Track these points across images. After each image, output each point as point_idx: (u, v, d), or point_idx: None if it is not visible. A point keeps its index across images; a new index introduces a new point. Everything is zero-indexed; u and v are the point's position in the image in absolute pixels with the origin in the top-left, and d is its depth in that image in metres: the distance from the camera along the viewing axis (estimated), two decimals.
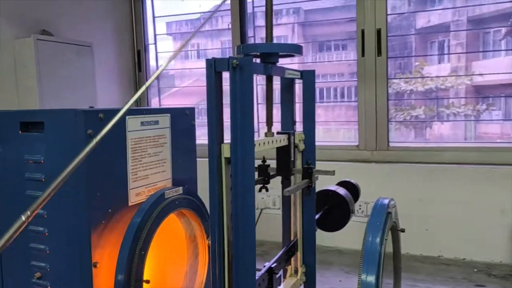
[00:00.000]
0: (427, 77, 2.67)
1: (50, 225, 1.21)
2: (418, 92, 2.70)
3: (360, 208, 2.44)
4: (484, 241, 2.31)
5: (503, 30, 2.53)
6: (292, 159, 1.38)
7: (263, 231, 2.48)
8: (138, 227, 1.23)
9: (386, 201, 1.13)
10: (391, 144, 2.61)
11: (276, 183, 1.37)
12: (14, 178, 1.25)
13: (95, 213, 1.18)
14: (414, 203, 2.41)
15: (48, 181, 1.20)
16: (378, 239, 1.03)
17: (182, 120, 1.51)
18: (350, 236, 2.25)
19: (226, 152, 1.04)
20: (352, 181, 1.74)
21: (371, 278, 1.00)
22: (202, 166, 1.55)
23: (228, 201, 1.08)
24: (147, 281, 1.22)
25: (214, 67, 1.02)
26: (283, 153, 1.34)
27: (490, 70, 2.57)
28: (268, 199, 2.75)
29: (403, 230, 1.26)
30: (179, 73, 3.41)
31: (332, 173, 1.40)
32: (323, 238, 1.90)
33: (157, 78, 3.26)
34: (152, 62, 3.27)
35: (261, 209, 2.75)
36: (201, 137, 1.68)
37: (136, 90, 3.23)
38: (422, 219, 2.41)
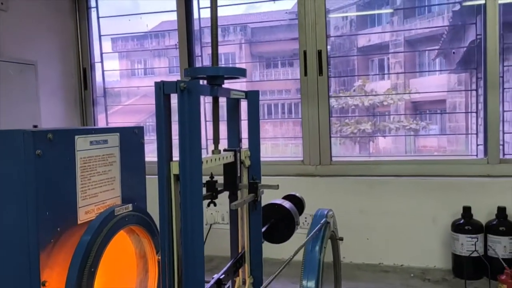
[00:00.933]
0: (368, 95, 2.84)
1: None
2: (362, 107, 2.87)
3: (306, 220, 2.54)
4: (419, 247, 2.47)
5: (436, 51, 2.76)
6: (239, 175, 1.45)
7: (212, 246, 2.53)
8: (87, 245, 1.25)
9: (325, 212, 1.22)
10: (333, 159, 2.75)
11: (224, 198, 1.43)
12: None
13: (44, 232, 1.19)
14: (355, 214, 2.55)
15: None
16: (317, 247, 1.12)
17: (131, 138, 1.55)
18: (297, 247, 2.35)
19: (175, 169, 1.10)
20: (297, 194, 1.82)
21: (311, 284, 1.08)
22: (151, 183, 1.59)
23: (178, 217, 1.13)
24: None
25: (163, 90, 1.08)
26: (230, 169, 1.41)
27: (426, 87, 2.79)
28: (217, 214, 2.80)
29: (341, 239, 1.36)
30: (125, 90, 3.41)
31: (276, 187, 1.49)
32: (270, 250, 1.97)
33: (104, 95, 3.26)
34: (98, 80, 3.26)
35: (210, 225, 2.80)
36: (149, 154, 1.72)
37: (82, 109, 3.20)
38: (363, 229, 2.55)
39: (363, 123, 2.89)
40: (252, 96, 1.52)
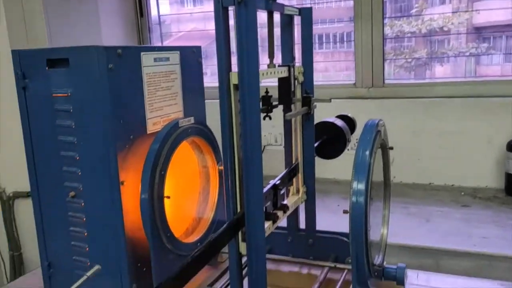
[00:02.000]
0: (426, 17, 2.74)
1: (80, 150, 1.37)
2: (419, 33, 2.79)
3: (357, 141, 2.60)
4: (471, 168, 2.49)
5: None
6: (293, 90, 1.52)
7: (265, 166, 2.67)
8: (156, 152, 1.39)
9: (376, 121, 1.28)
10: (386, 81, 2.74)
11: (278, 120, 1.50)
12: (43, 111, 1.40)
13: (120, 139, 1.34)
14: (407, 136, 2.58)
15: (76, 112, 1.35)
16: (368, 152, 1.19)
17: (189, 57, 1.63)
18: (348, 168, 2.44)
19: (234, 79, 1.18)
20: (349, 115, 1.87)
21: (361, 186, 1.17)
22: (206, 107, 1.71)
23: (237, 124, 1.23)
24: (168, 197, 1.40)
25: (221, 3, 1.14)
26: (284, 83, 1.48)
27: (491, 10, 2.64)
28: (270, 136, 2.91)
29: (391, 148, 1.42)
30: (175, 19, 3.47)
31: (328, 100, 1.55)
32: (322, 170, 2.07)
33: (159, 22, 3.35)
34: (153, 8, 3.34)
35: (264, 146, 2.92)
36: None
37: (139, 36, 3.32)
38: (415, 150, 2.58)
39: (419, 51, 2.82)
40: (306, 13, 1.55)
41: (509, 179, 2.32)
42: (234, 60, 1.18)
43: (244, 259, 1.29)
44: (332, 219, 1.74)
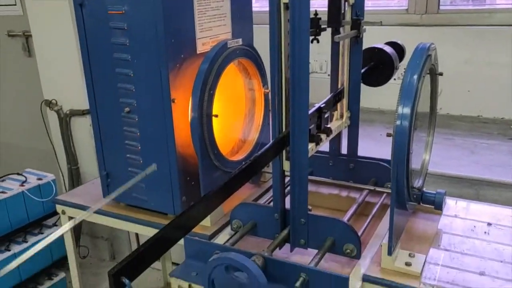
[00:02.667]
0: None
1: (134, 68, 1.43)
2: None
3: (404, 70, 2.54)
4: None
5: None
6: (342, 12, 1.49)
7: (310, 94, 2.67)
8: (206, 71, 1.43)
9: (427, 44, 1.25)
10: (441, 7, 2.60)
11: (324, 47, 1.49)
12: (99, 28, 1.45)
13: (171, 57, 1.38)
14: (459, 65, 2.48)
15: (130, 30, 1.40)
16: (416, 76, 1.18)
17: None
18: (393, 97, 2.41)
19: None
20: (398, 41, 1.81)
21: (407, 110, 1.17)
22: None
23: (286, 45, 1.24)
24: (216, 116, 1.46)
25: None
26: (334, 4, 1.45)
27: None
28: (316, 64, 2.88)
29: (441, 74, 1.40)
30: None
31: (379, 23, 1.52)
32: (367, 99, 2.05)
33: None
34: None
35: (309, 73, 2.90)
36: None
37: None
38: (465, 81, 2.50)
39: None
40: None
41: None
42: None
43: (286, 179, 1.36)
44: (374, 147, 1.77)
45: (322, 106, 1.47)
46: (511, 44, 2.37)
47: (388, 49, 1.75)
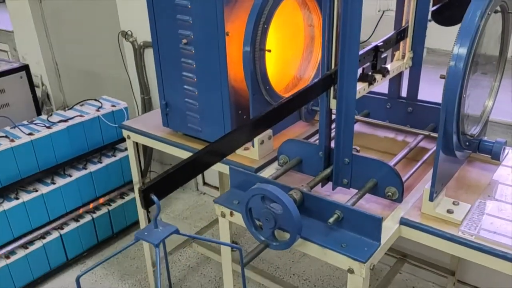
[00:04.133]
0: None
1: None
2: None
3: None
4: None
5: None
6: None
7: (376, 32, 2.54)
8: (261, 5, 1.41)
9: None
10: None
11: None
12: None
13: None
14: None
15: None
16: (479, 12, 1.08)
17: None
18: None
19: None
20: None
21: (463, 50, 1.09)
22: None
23: None
24: (269, 51, 1.46)
25: None
26: None
27: None
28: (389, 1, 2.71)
29: (511, 12, 1.27)
30: None
31: None
32: (437, 39, 1.90)
33: None
34: None
35: (383, 11, 2.75)
36: None
37: None
38: None
39: None
40: None
41: None
42: None
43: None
44: (437, 91, 1.67)
45: (379, 44, 1.41)
46: None
47: None
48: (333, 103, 1.31)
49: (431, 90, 1.66)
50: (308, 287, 2.30)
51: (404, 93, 1.68)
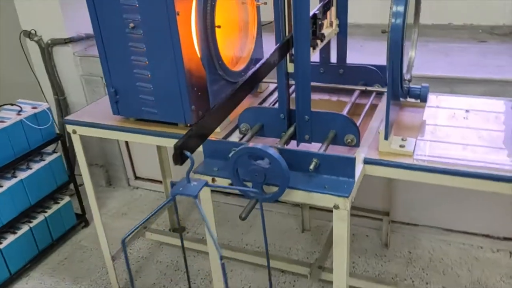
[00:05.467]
0: None
1: None
2: None
3: None
4: (490, 6, 2.55)
5: None
6: None
7: None
8: None
9: None
10: None
11: None
12: None
13: None
14: None
15: None
16: None
17: None
18: (367, 11, 2.55)
19: None
20: None
21: (401, 8, 1.29)
22: None
23: None
24: (219, 26, 1.54)
25: None
26: None
27: None
28: None
29: None
30: None
31: None
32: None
33: None
34: None
35: None
36: None
37: None
38: None
39: None
40: None
41: None
42: None
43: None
44: (356, 56, 1.89)
45: (316, 13, 1.58)
46: None
47: None
48: (290, 67, 1.45)
49: (350, 55, 1.88)
50: (262, 253, 2.45)
51: (333, 59, 1.88)
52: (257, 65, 1.30)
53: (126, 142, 3.00)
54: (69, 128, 1.84)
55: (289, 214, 2.73)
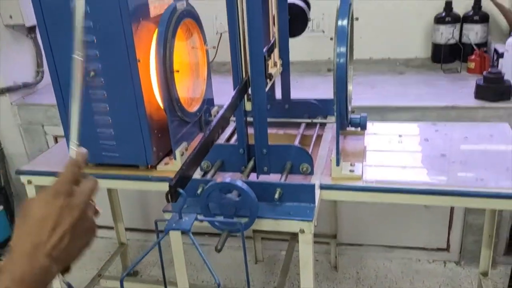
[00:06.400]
0: None
1: (98, 34, 1.55)
2: None
3: (322, 17, 2.88)
4: (405, 41, 2.90)
5: None
6: None
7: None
8: (165, 33, 1.60)
9: None
10: None
11: None
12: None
13: (133, 20, 1.53)
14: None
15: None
16: (346, 21, 1.49)
17: None
18: (302, 49, 2.77)
19: None
20: None
21: (343, 49, 1.48)
22: None
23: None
24: (177, 71, 1.65)
25: None
26: None
27: None
28: None
29: (357, 19, 1.74)
30: None
31: None
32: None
33: None
34: None
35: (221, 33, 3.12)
36: None
37: None
38: (356, 30, 2.91)
39: None
40: None
41: (434, 49, 2.77)
42: None
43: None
44: (294, 91, 2.07)
45: (265, 54, 1.74)
46: None
47: (299, 2, 2.05)
48: (248, 105, 1.59)
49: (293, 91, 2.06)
50: None
51: (278, 96, 2.04)
52: (224, 107, 1.41)
53: None
54: (23, 178, 1.82)
55: (240, 247, 2.81)
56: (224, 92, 1.72)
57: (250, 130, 1.64)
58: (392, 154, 1.75)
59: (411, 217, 2.54)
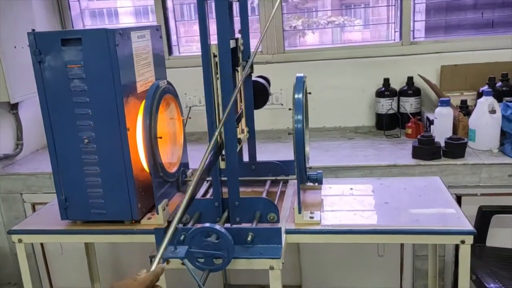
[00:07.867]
0: None
1: (93, 107, 1.82)
2: (291, 3, 3.51)
3: (280, 92, 3.27)
4: (353, 112, 3.34)
5: None
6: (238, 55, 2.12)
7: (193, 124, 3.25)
8: (150, 106, 1.90)
9: (302, 75, 1.94)
10: (286, 48, 3.44)
11: None
12: (59, 78, 1.82)
13: (124, 95, 1.82)
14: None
15: (88, 77, 1.80)
16: (301, 94, 1.84)
17: (155, 34, 2.13)
18: (264, 119, 3.14)
19: (214, 49, 1.75)
20: (263, 75, 2.48)
21: (300, 116, 1.81)
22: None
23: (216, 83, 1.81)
24: (160, 137, 1.93)
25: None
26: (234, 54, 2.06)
27: None
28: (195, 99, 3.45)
29: (310, 93, 2.11)
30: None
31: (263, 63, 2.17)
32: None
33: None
34: None
35: (190, 107, 3.46)
36: None
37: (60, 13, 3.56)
38: (310, 102, 3.33)
39: (294, 20, 3.56)
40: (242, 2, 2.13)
41: (378, 118, 3.21)
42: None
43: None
44: (259, 155, 2.38)
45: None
46: (337, 73, 3.30)
47: (261, 80, 2.42)
48: (222, 164, 1.87)
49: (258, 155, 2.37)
50: None
51: (245, 158, 2.34)
52: (203, 168, 1.69)
53: (44, 256, 3.05)
54: (15, 238, 1.98)
55: None
56: (194, 158, 1.99)
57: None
58: (345, 203, 2.05)
59: (366, 264, 2.80)
